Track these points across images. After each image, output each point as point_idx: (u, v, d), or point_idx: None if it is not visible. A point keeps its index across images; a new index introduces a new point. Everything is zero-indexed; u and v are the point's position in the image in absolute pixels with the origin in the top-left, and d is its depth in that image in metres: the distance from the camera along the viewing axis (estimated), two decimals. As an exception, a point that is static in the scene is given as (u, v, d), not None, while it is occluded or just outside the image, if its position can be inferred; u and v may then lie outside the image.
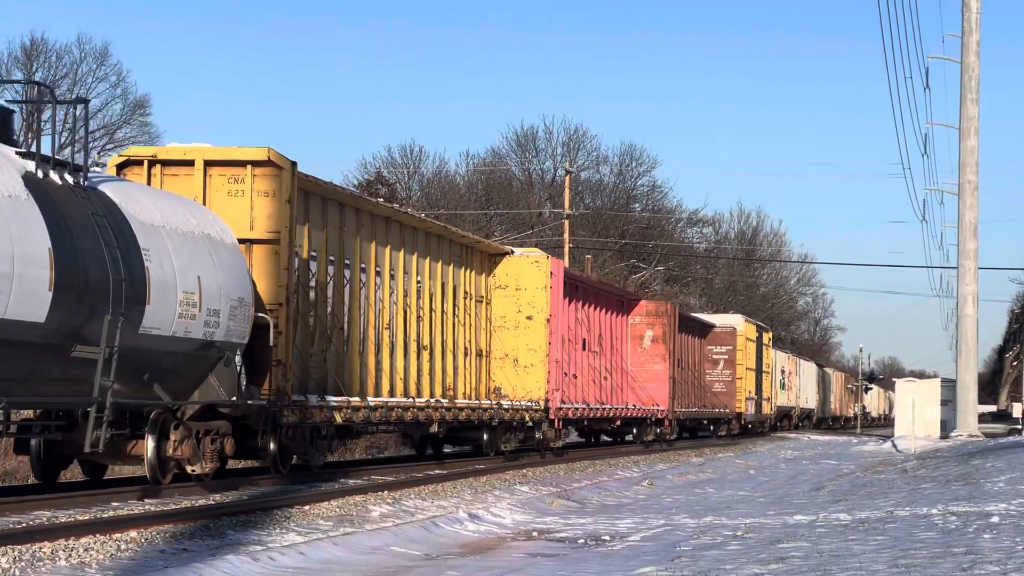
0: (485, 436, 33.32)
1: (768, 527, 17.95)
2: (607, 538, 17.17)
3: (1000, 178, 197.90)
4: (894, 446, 52.23)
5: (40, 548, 13.36)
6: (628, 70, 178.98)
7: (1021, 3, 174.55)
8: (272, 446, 22.78)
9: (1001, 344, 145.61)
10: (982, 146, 63.50)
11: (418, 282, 29.47)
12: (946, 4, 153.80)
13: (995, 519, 17.59)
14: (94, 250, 17.72)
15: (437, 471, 28.21)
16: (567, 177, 73.19)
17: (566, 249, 67.15)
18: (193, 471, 20.68)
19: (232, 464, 24.96)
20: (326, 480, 24.05)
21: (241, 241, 22.32)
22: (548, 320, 34.93)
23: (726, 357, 61.00)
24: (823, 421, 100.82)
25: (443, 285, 31.02)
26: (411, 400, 28.40)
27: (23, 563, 12.58)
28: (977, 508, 19.43)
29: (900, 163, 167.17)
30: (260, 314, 22.12)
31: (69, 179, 18.08)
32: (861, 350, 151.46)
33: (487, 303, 34.21)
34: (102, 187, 18.90)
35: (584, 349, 39.65)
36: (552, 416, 35.59)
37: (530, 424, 34.95)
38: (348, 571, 13.76)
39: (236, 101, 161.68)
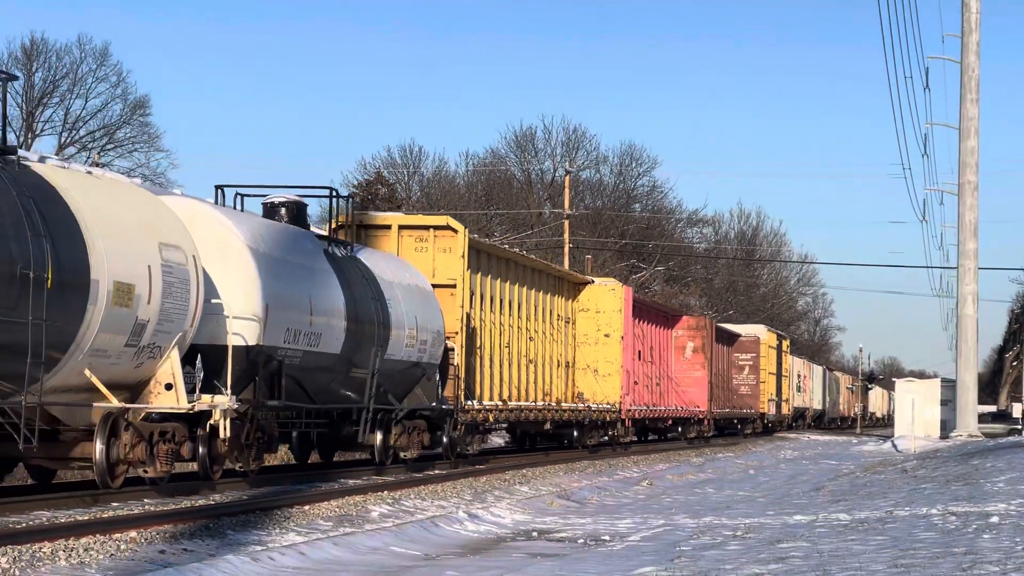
0: (575, 433, 40.46)
1: (768, 527, 17.95)
2: (607, 538, 17.16)
3: (1000, 178, 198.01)
4: (894, 446, 52.24)
5: (40, 548, 13.36)
6: (628, 70, 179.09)
7: (1021, 3, 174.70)
8: (445, 439, 29.49)
9: (1001, 344, 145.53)
10: (982, 146, 63.48)
11: (526, 308, 36.23)
12: (946, 4, 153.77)
13: (995, 519, 17.60)
14: (363, 301, 25.15)
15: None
16: (567, 177, 73.18)
17: (566, 249, 67.13)
18: (404, 456, 27.77)
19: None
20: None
21: None
22: (622, 338, 42.10)
23: (751, 363, 66.91)
24: (833, 420, 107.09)
25: (542, 310, 37.91)
26: (532, 404, 36.05)
27: (23, 563, 12.58)
28: (977, 508, 19.43)
29: (900, 163, 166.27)
30: (446, 340, 29.31)
31: (344, 251, 25.78)
32: (861, 350, 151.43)
33: (572, 323, 41.27)
34: (358, 255, 26.41)
35: (639, 359, 45.84)
36: (623, 416, 42.81)
37: (606, 423, 42.13)
38: (348, 571, 13.76)
39: (236, 101, 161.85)
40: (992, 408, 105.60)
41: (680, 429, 53.60)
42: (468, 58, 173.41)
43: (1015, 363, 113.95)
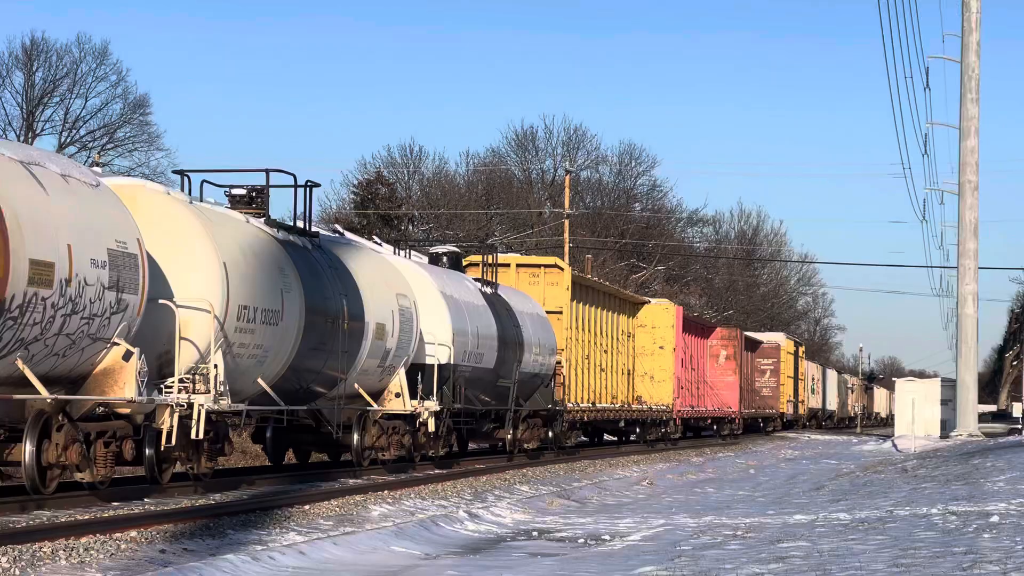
0: (638, 429, 47.80)
1: (768, 526, 17.94)
2: (607, 537, 17.16)
3: (1000, 178, 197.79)
4: (894, 446, 52.24)
5: (40, 548, 13.35)
6: (628, 70, 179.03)
7: (1021, 3, 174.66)
8: (551, 434, 36.71)
9: (1001, 344, 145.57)
10: (982, 146, 63.46)
11: (601, 326, 42.93)
12: (946, 4, 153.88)
13: (995, 519, 17.60)
14: (507, 328, 32.93)
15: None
16: (567, 177, 73.15)
17: (566, 249, 67.09)
18: (526, 447, 34.78)
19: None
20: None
21: None
22: (674, 349, 49.97)
23: (771, 368, 73.84)
24: (843, 420, 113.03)
25: (611, 327, 44.55)
26: (612, 405, 43.60)
27: (23, 563, 12.58)
28: (977, 508, 19.43)
29: (900, 163, 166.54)
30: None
31: (491, 289, 33.27)
32: (861, 350, 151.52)
33: (633, 337, 47.87)
34: (499, 291, 33.82)
35: (682, 367, 51.90)
36: (675, 416, 50.63)
37: (661, 421, 49.53)
38: (348, 570, 13.75)
39: (236, 100, 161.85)
40: (992, 408, 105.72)
41: (715, 427, 60.64)
42: (468, 58, 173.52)
43: (1015, 363, 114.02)
